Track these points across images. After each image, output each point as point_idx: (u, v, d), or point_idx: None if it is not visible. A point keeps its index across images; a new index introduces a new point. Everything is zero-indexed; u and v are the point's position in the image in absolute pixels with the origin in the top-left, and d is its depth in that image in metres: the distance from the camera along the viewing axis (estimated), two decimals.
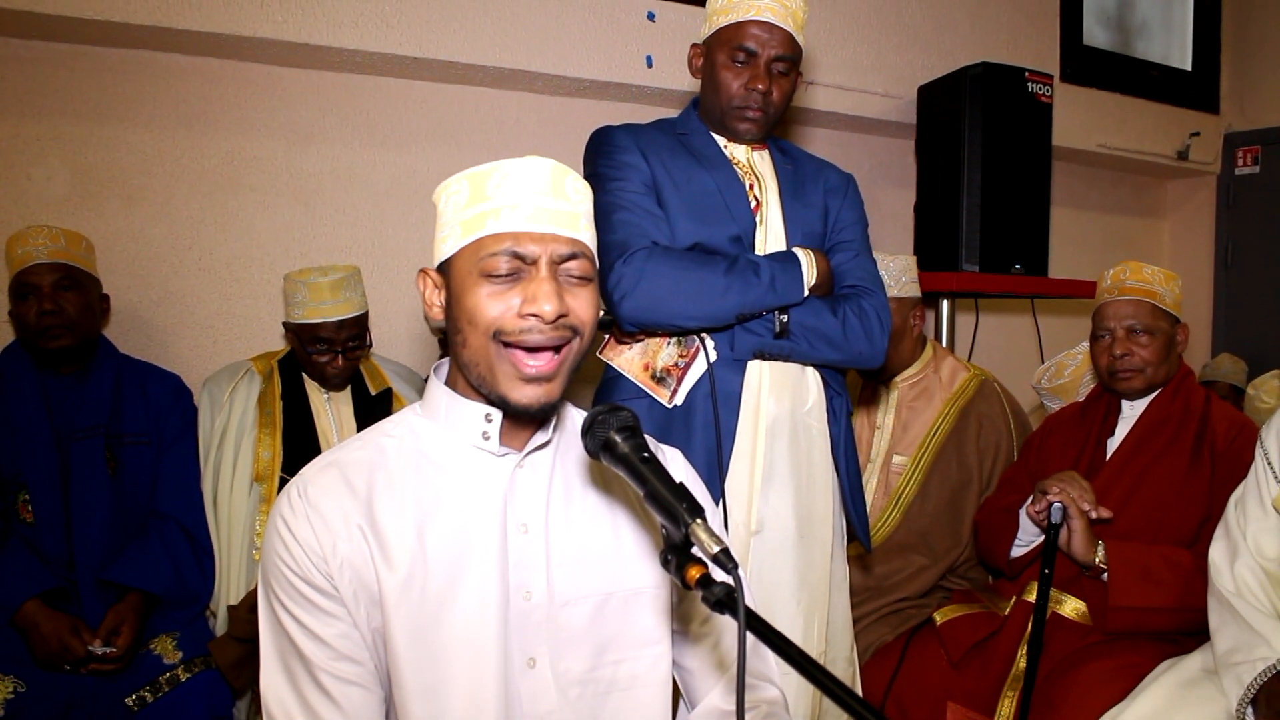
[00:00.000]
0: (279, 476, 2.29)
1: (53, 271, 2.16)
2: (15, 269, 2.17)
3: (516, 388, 1.11)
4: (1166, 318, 2.20)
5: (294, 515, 1.12)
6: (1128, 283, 2.22)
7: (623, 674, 1.21)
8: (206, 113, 2.61)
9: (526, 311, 1.09)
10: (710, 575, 0.93)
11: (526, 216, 1.10)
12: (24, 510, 2.11)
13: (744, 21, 1.81)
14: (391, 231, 2.84)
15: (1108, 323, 2.23)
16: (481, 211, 1.11)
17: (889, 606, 2.39)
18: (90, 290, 2.24)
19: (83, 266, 2.23)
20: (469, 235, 1.12)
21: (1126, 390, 2.22)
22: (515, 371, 1.11)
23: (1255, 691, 1.64)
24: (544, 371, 1.11)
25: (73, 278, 2.19)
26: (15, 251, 2.17)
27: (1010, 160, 3.13)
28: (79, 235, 2.26)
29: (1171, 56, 4.30)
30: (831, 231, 1.94)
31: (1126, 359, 2.19)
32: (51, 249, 2.17)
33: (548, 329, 1.10)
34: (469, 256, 1.12)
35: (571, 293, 1.13)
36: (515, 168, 1.12)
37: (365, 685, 1.13)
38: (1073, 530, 2.01)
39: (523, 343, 1.10)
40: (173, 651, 2.07)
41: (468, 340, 1.12)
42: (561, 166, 1.16)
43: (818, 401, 1.88)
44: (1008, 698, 2.01)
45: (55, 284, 2.16)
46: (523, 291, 1.10)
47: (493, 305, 1.10)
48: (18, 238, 2.18)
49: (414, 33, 2.62)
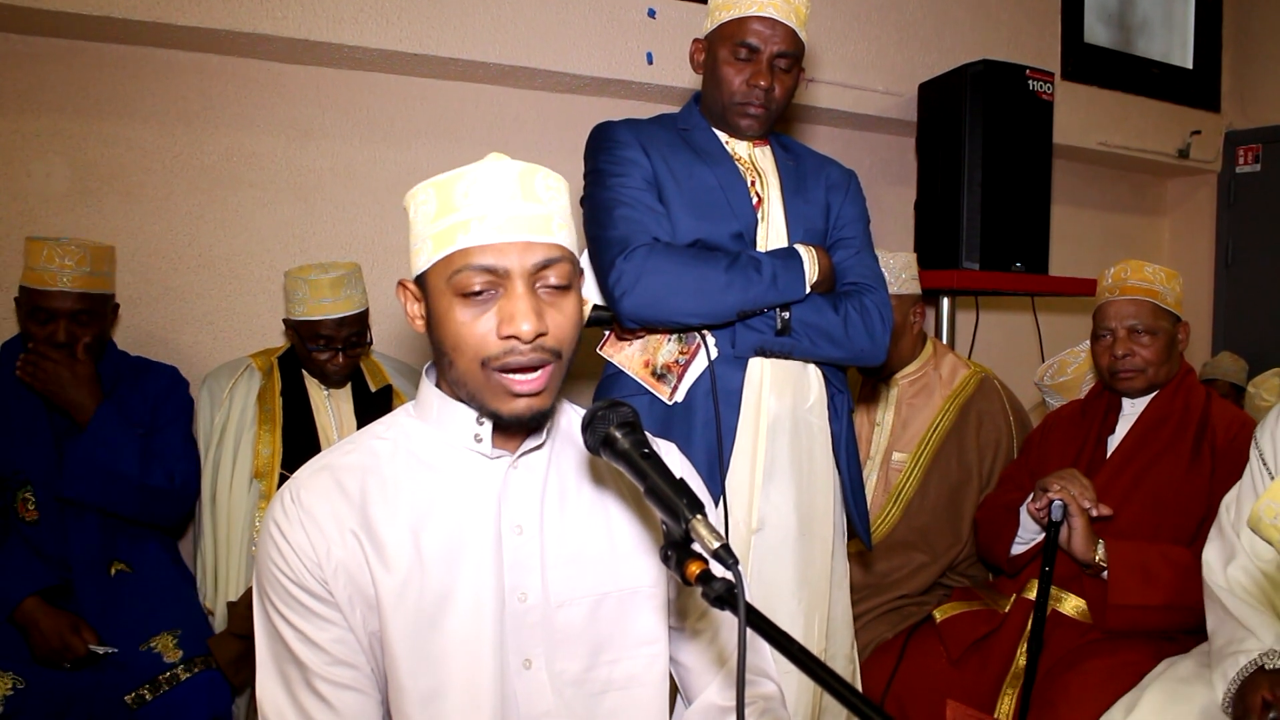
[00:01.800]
0: (279, 473, 2.28)
1: (73, 302, 2.12)
2: (34, 283, 2.11)
3: (507, 403, 1.10)
4: (1168, 317, 2.20)
5: (287, 520, 1.11)
6: (1129, 282, 2.21)
7: (619, 674, 1.20)
8: (206, 109, 2.60)
9: (505, 333, 1.07)
10: (710, 571, 0.93)
11: (497, 227, 1.07)
12: (23, 508, 2.10)
13: (746, 17, 1.81)
14: (391, 228, 2.83)
15: (1109, 322, 2.22)
16: (451, 224, 1.08)
17: (888, 604, 2.39)
18: (106, 315, 2.23)
19: (103, 291, 2.20)
20: (440, 250, 1.09)
21: (1128, 390, 2.21)
22: (505, 390, 1.10)
23: (1241, 683, 1.65)
24: (533, 388, 1.10)
25: (92, 310, 2.16)
26: (37, 261, 2.11)
27: (1011, 158, 3.13)
28: (104, 250, 2.20)
29: (1172, 54, 4.30)
30: (833, 228, 1.93)
31: (1128, 359, 2.18)
32: (74, 275, 2.11)
33: (527, 350, 1.08)
34: (442, 272, 1.09)
35: (551, 304, 1.11)
36: (482, 173, 1.09)
37: (361, 690, 1.12)
38: (1073, 528, 2.01)
39: (507, 365, 1.08)
40: (173, 650, 2.07)
41: (454, 363, 1.11)
42: (530, 166, 1.12)
43: (819, 398, 1.87)
44: (1007, 695, 2.01)
45: (73, 315, 2.13)
46: (500, 311, 1.08)
47: (473, 330, 1.08)
48: (41, 250, 2.10)
49: (414, 29, 2.62)
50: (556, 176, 1.16)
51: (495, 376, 1.09)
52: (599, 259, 1.79)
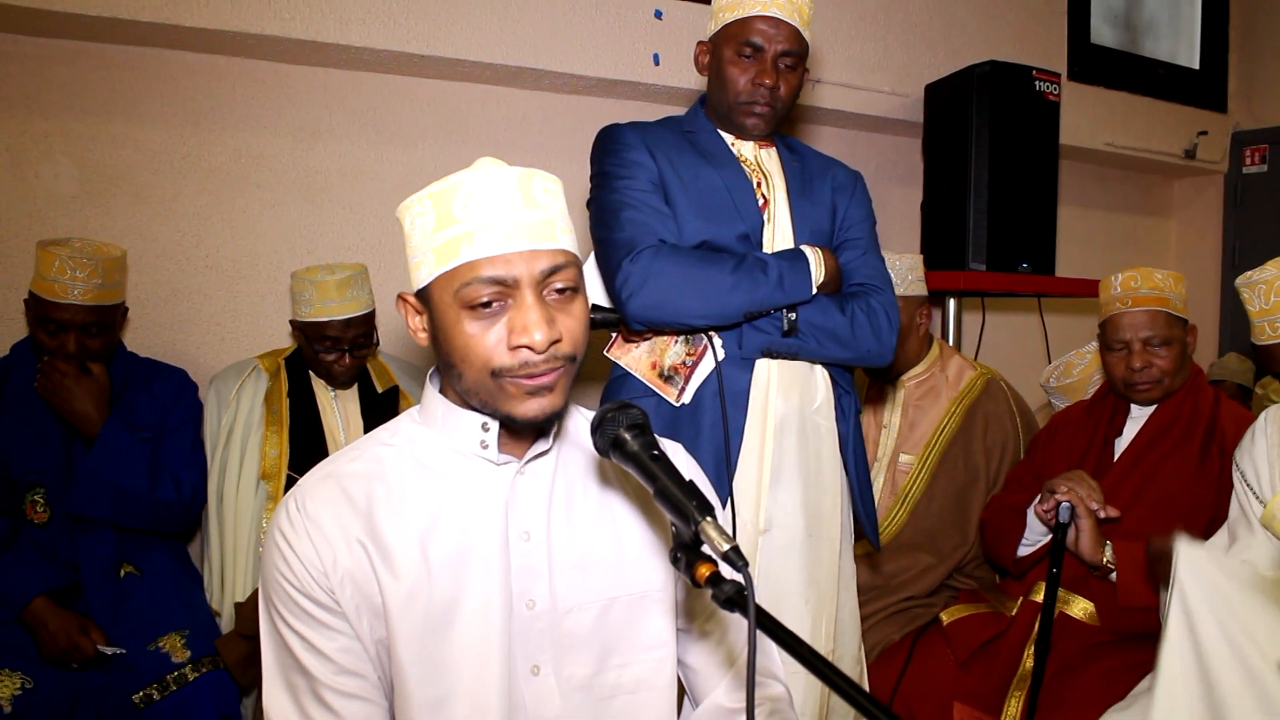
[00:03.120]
0: (285, 474, 2.29)
1: (84, 315, 2.12)
2: (44, 294, 2.10)
3: (520, 405, 1.09)
4: (1179, 324, 2.18)
5: (293, 529, 1.11)
6: (1140, 291, 2.17)
7: (627, 678, 1.20)
8: (213, 110, 2.61)
9: (517, 343, 1.05)
10: (719, 573, 0.93)
11: (502, 237, 1.05)
12: (32, 510, 2.11)
13: (750, 17, 1.81)
14: (398, 230, 2.77)
15: (1123, 334, 2.18)
16: (453, 237, 1.06)
17: (895, 605, 2.39)
18: (115, 323, 2.23)
19: (115, 302, 2.20)
20: (443, 264, 1.07)
21: (1145, 401, 2.20)
22: (519, 392, 1.08)
23: None
24: (547, 383, 1.08)
25: (101, 321, 2.16)
26: (49, 271, 2.09)
27: (1017, 159, 3.12)
28: (116, 260, 2.18)
29: (1179, 55, 4.29)
30: (839, 229, 1.93)
31: (1146, 371, 2.16)
32: (86, 288, 2.11)
33: (540, 360, 1.06)
34: (446, 286, 1.07)
35: (560, 309, 1.09)
36: (480, 182, 1.07)
37: (368, 698, 1.12)
38: (1081, 530, 2.00)
39: (519, 374, 1.07)
40: (181, 650, 2.07)
41: (463, 375, 1.09)
42: (526, 171, 1.10)
43: (826, 399, 1.87)
44: (1014, 698, 2.01)
45: (84, 328, 2.14)
46: (510, 321, 1.06)
47: (482, 342, 1.06)
48: (53, 261, 2.08)
49: (421, 30, 2.62)
50: (553, 178, 1.13)
51: (507, 382, 1.08)
52: (606, 261, 1.79)
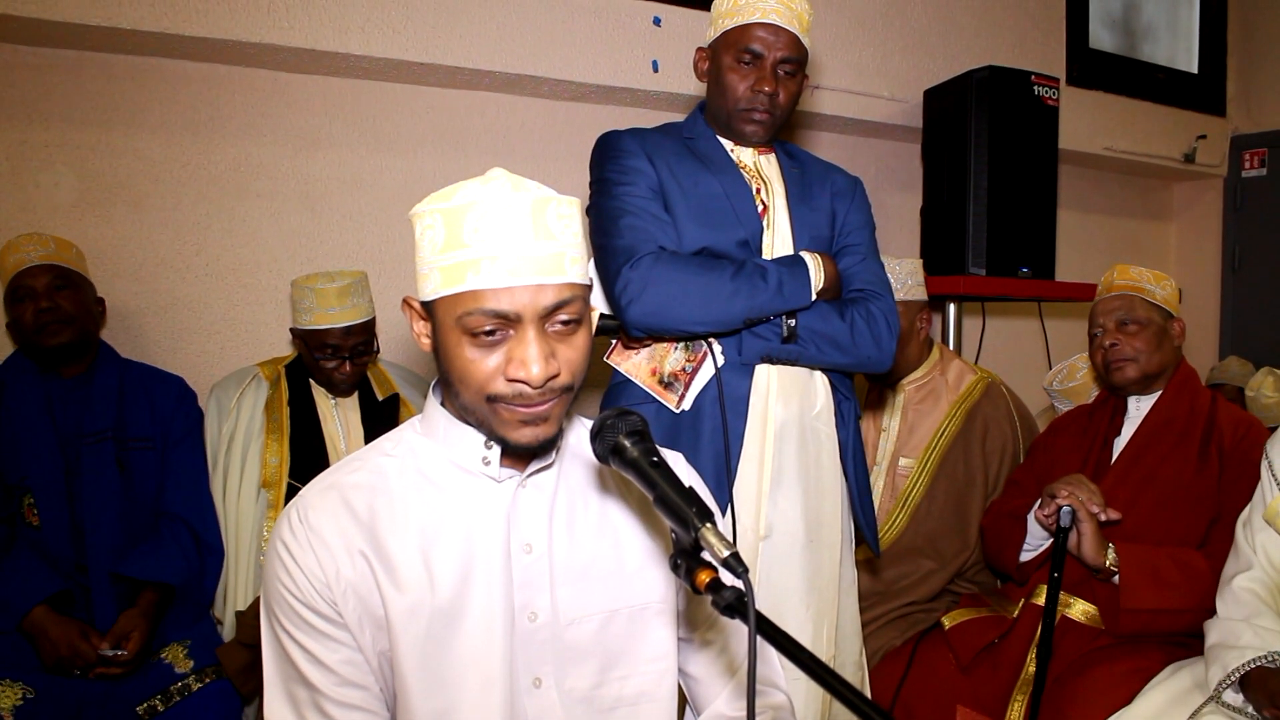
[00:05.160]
0: (286, 483, 2.28)
1: (47, 273, 2.19)
2: (9, 275, 2.19)
3: (514, 430, 1.09)
4: (1156, 310, 2.23)
5: (295, 541, 1.10)
6: (1115, 282, 2.29)
7: (629, 690, 1.20)
8: (213, 119, 2.61)
9: (514, 376, 1.04)
10: (720, 579, 0.93)
11: (509, 270, 1.03)
12: (29, 514, 2.12)
13: (749, 24, 1.81)
14: (398, 237, 2.84)
15: (1099, 319, 2.29)
16: (460, 261, 1.03)
17: (897, 610, 2.39)
18: (85, 291, 2.27)
19: (76, 269, 2.26)
20: (449, 286, 1.05)
21: (1122, 381, 2.22)
22: (513, 419, 1.08)
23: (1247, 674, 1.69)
24: (541, 414, 1.08)
25: (67, 278, 2.22)
26: (8, 260, 2.19)
27: (1017, 163, 3.13)
28: (69, 242, 2.28)
29: (1178, 59, 4.29)
30: (839, 235, 1.94)
31: (1116, 348, 2.22)
32: (43, 253, 2.20)
33: (535, 394, 1.06)
34: (450, 308, 1.06)
35: (562, 341, 1.08)
36: (493, 206, 1.03)
37: (370, 711, 1.12)
38: (1082, 533, 2.00)
39: (514, 403, 1.07)
40: (184, 660, 2.07)
41: (460, 394, 1.09)
42: (542, 198, 1.06)
43: (826, 406, 1.87)
44: (1017, 701, 2.00)
45: (50, 284, 2.19)
46: (509, 352, 1.05)
47: (481, 368, 1.06)
48: (9, 247, 2.21)
49: (420, 38, 2.63)
50: (570, 202, 1.10)
51: (502, 408, 1.07)
52: (605, 268, 1.79)
